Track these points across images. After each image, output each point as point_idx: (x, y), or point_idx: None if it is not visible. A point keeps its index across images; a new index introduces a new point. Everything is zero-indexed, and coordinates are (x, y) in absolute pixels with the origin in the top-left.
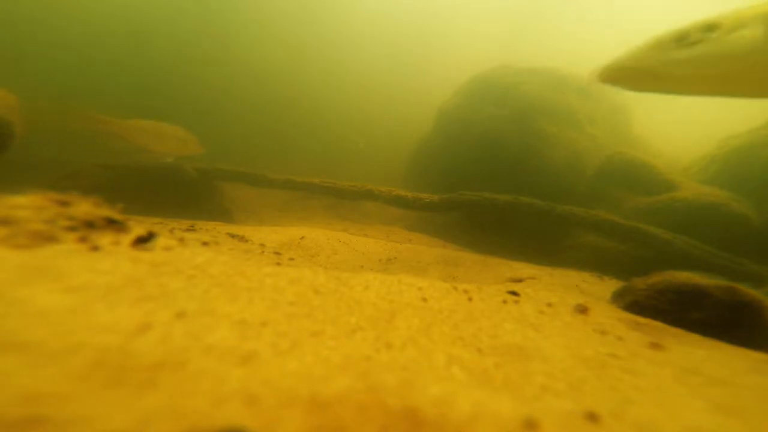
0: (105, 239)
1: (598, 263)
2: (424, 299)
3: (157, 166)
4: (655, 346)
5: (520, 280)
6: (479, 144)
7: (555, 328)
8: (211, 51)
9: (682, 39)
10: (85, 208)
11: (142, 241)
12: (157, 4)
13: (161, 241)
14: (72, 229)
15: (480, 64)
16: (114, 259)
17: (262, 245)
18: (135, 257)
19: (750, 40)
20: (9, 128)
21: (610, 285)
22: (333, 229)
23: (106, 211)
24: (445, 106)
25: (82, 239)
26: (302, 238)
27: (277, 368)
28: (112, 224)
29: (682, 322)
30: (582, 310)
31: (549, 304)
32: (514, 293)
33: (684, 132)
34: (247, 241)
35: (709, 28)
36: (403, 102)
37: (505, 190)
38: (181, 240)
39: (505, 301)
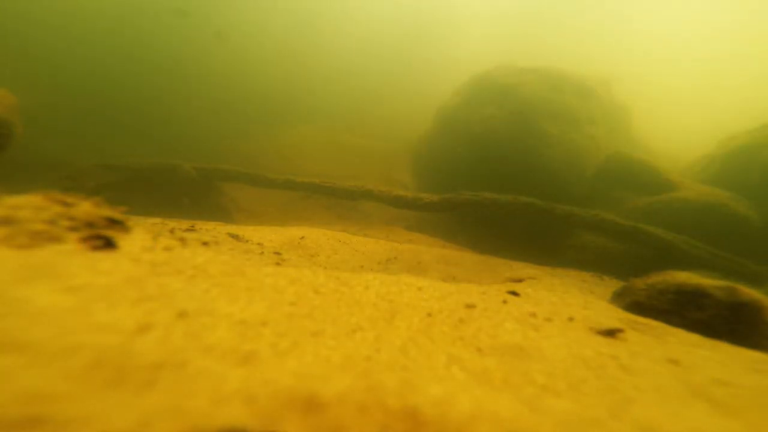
0: (105, 239)
1: (598, 263)
2: (424, 299)
3: (157, 166)
4: (655, 346)
5: (520, 280)
6: (479, 144)
7: (555, 328)
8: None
9: None
10: (85, 208)
11: (99, 240)
12: (143, 8)
13: (137, 238)
14: (73, 229)
15: (479, 64)
16: (114, 259)
17: (262, 245)
18: (135, 257)
19: None
20: (9, 128)
21: (610, 285)
22: (333, 229)
23: (107, 211)
24: (444, 106)
25: (83, 239)
26: (302, 238)
27: (277, 368)
28: (113, 224)
29: (682, 322)
30: (611, 333)
31: (550, 304)
32: (514, 293)
33: (684, 132)
34: (247, 241)
35: None
36: (402, 102)
37: (505, 190)
38: (182, 240)
39: (505, 301)
